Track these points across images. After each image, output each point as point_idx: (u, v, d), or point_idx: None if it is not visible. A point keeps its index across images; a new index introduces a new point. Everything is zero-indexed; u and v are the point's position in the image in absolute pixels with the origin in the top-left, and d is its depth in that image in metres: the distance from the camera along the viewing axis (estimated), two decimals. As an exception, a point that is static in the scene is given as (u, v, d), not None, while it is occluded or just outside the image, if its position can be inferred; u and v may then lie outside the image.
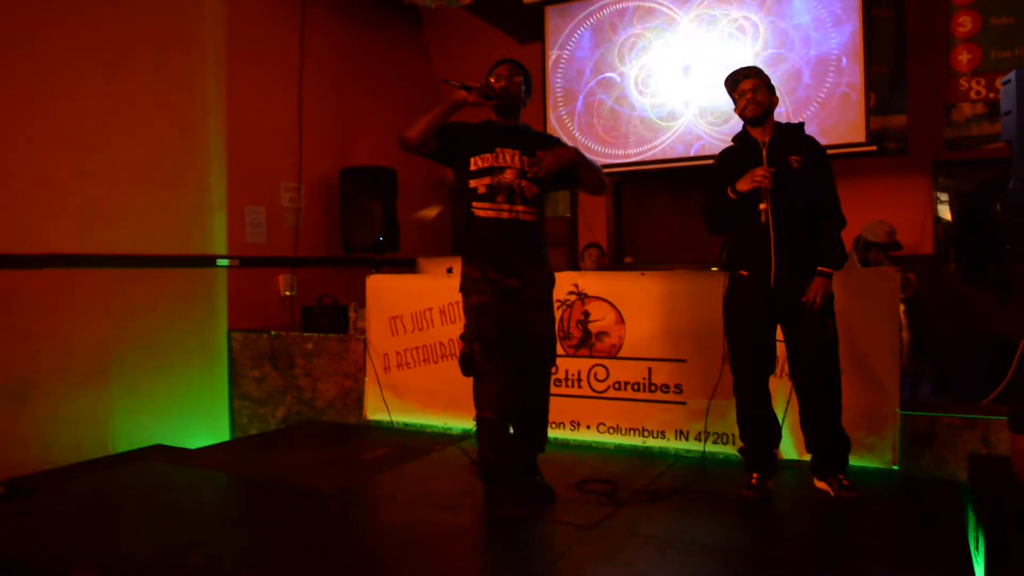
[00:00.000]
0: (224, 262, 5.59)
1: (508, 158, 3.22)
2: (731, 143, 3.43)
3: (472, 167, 3.23)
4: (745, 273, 3.27)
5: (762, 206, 3.16)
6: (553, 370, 3.45)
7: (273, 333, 5.39)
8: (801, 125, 3.39)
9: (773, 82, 3.39)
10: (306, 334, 5.28)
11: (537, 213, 3.28)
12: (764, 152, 3.24)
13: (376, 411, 4.89)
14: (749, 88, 3.26)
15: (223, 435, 5.50)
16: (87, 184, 4.78)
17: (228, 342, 5.57)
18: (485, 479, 3.18)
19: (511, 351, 3.16)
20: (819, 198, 3.21)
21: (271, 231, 5.95)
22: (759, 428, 3.34)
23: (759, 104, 3.24)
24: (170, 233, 5.30)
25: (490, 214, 3.19)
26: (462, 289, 3.27)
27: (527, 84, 3.39)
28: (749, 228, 3.23)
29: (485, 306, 3.16)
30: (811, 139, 3.34)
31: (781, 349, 3.36)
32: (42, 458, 4.37)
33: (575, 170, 3.29)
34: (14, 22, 4.47)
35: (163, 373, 5.17)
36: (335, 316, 5.42)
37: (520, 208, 3.21)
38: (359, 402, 4.99)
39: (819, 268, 3.17)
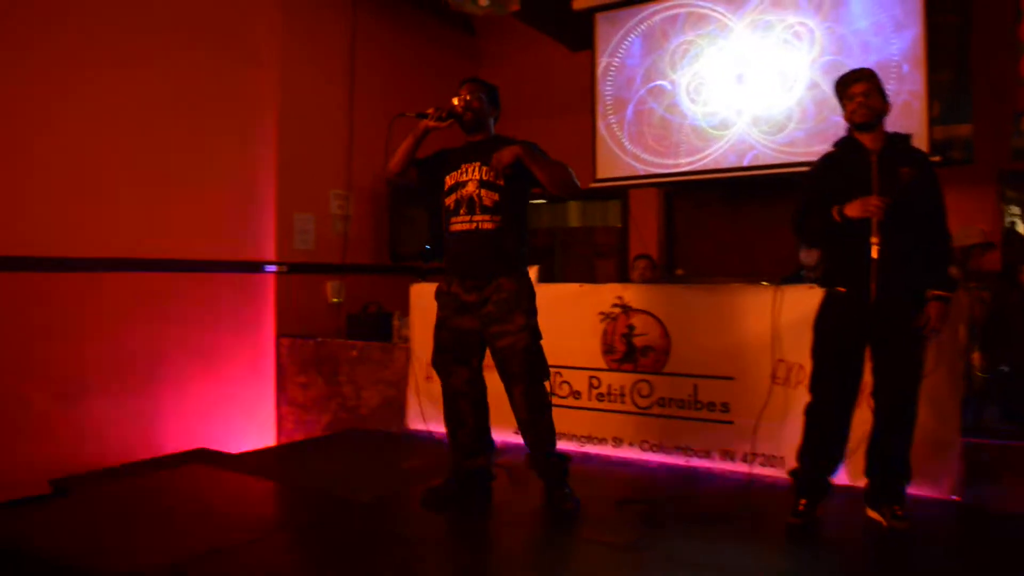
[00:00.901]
0: (273, 268, 5.65)
1: (471, 171, 3.31)
2: (832, 148, 3.22)
3: (446, 186, 3.37)
4: (843, 290, 3.09)
5: (873, 240, 2.96)
6: (555, 387, 3.45)
7: (319, 340, 5.41)
8: (909, 136, 3.17)
9: (830, 90, 3.23)
10: (350, 341, 5.29)
11: (501, 221, 3.26)
12: (874, 161, 3.04)
13: (417, 420, 4.86)
14: (861, 91, 3.05)
15: (268, 440, 5.54)
16: (141, 190, 4.88)
17: (276, 347, 5.62)
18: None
19: (471, 363, 3.36)
20: (926, 214, 3.00)
21: (319, 238, 5.99)
22: (823, 453, 3.16)
23: (871, 109, 3.04)
24: (220, 238, 5.38)
25: (457, 227, 3.31)
26: (436, 300, 3.44)
27: (491, 98, 3.50)
28: (849, 243, 3.02)
29: (442, 320, 3.37)
30: (920, 151, 3.14)
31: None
32: (90, 458, 4.47)
33: (527, 168, 3.26)
34: (72, 26, 4.58)
35: (211, 377, 5.24)
36: (380, 324, 5.43)
37: (479, 217, 3.26)
38: (401, 411, 4.97)
39: (936, 292, 2.96)
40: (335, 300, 6.01)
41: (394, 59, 6.68)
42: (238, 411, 5.40)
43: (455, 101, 3.36)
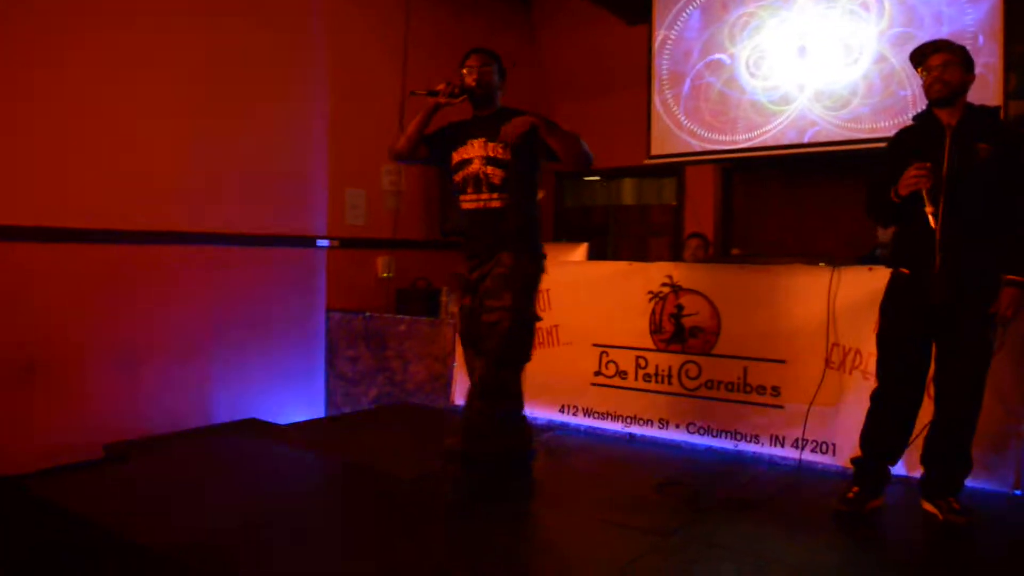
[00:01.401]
0: (324, 242, 5.69)
1: (475, 148, 3.25)
2: (911, 122, 3.07)
3: (452, 162, 3.32)
4: (907, 271, 2.96)
5: (928, 209, 2.80)
6: (602, 366, 3.36)
7: (368, 314, 5.44)
8: (997, 109, 2.98)
9: (899, 64, 3.05)
10: (399, 316, 5.30)
11: (508, 199, 3.20)
12: (948, 136, 2.86)
13: (463, 396, 4.85)
14: (938, 64, 2.87)
15: (318, 412, 5.62)
16: (194, 163, 4.95)
17: (326, 321, 5.68)
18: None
19: (475, 341, 3.29)
20: (1006, 193, 2.81)
21: (370, 213, 6.01)
22: (882, 442, 3.04)
23: (946, 84, 2.86)
24: (273, 213, 5.43)
25: (468, 205, 3.27)
26: None
27: (500, 71, 3.38)
28: (916, 223, 2.87)
29: (459, 302, 3.38)
30: (1008, 127, 2.95)
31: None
32: (143, 425, 4.59)
33: (543, 139, 3.12)
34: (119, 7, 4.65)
35: (262, 349, 5.32)
36: (428, 299, 5.43)
37: (486, 196, 3.22)
38: (447, 387, 4.97)
39: (1009, 277, 2.79)
40: (385, 275, 6.04)
41: (447, 33, 6.62)
42: (288, 383, 5.48)
43: (467, 77, 3.28)
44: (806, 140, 5.51)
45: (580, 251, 5.12)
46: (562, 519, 3.00)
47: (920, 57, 2.96)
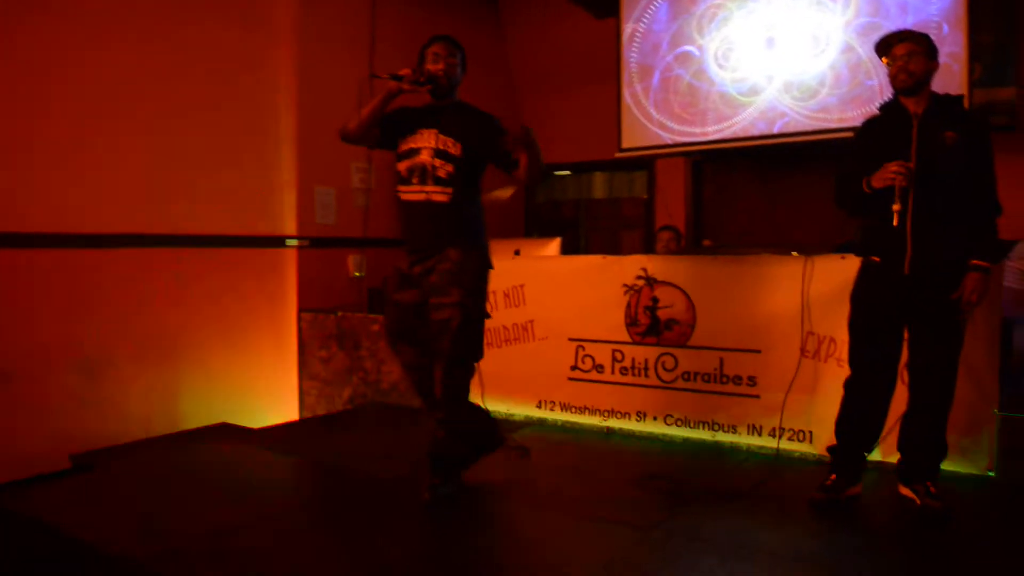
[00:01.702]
0: (293, 242, 5.61)
1: (425, 138, 3.13)
2: (877, 112, 3.08)
3: (399, 150, 3.20)
4: (877, 259, 2.97)
5: (895, 207, 2.80)
6: (578, 361, 3.28)
7: (340, 314, 5.37)
8: (960, 98, 3.00)
9: (866, 54, 3.06)
10: (372, 315, 5.24)
11: (453, 193, 3.09)
12: (915, 124, 2.89)
13: (439, 395, 4.81)
14: (903, 53, 2.89)
15: (291, 414, 5.54)
16: (159, 164, 4.85)
17: (298, 322, 5.60)
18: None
19: (415, 337, 3.16)
20: (972, 180, 2.84)
21: (341, 212, 5.94)
22: (858, 427, 3.05)
23: (911, 73, 2.88)
24: (240, 213, 5.34)
25: (410, 196, 3.13)
26: None
27: (463, 63, 3.29)
28: (885, 211, 2.88)
29: (388, 295, 3.22)
30: (972, 114, 2.97)
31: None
32: (111, 433, 4.49)
33: (509, 150, 3.09)
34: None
35: (233, 352, 5.23)
36: (401, 298, 5.36)
37: (431, 188, 3.09)
38: (423, 386, 4.91)
39: (974, 262, 2.82)
40: (357, 274, 5.97)
41: (414, 29, 6.53)
42: (260, 385, 5.40)
43: (433, 65, 3.16)
44: (775, 131, 5.54)
45: (553, 245, 5.10)
46: (544, 516, 2.97)
47: (885, 47, 2.98)
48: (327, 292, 5.75)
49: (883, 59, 3.00)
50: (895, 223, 2.82)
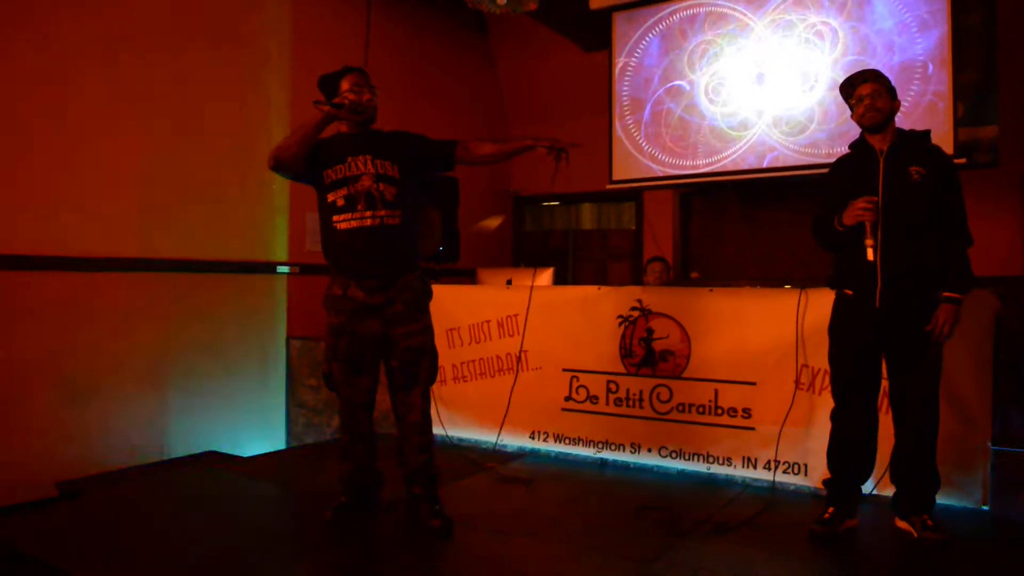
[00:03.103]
0: (285, 269, 5.58)
1: (361, 165, 3.09)
2: (848, 150, 3.17)
3: (327, 180, 3.10)
4: (850, 292, 3.03)
5: (868, 243, 2.88)
6: (572, 391, 3.27)
7: (330, 342, 5.33)
8: (926, 133, 3.10)
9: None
10: (362, 344, 5.20)
11: (402, 216, 3.09)
12: (882, 161, 2.98)
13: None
14: (868, 93, 2.99)
15: (279, 443, 5.47)
16: (149, 188, 4.82)
17: (287, 349, 5.55)
18: (340, 483, 3.28)
19: (372, 370, 3.14)
20: (941, 213, 2.92)
21: (331, 239, 5.91)
22: (849, 459, 3.08)
23: (878, 111, 2.98)
24: (231, 239, 5.31)
25: (353, 224, 3.04)
26: (325, 306, 3.17)
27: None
28: (857, 245, 2.95)
29: (342, 326, 3.09)
30: (937, 148, 3.05)
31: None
32: (97, 460, 4.41)
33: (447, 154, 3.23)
34: (72, 18, 4.52)
35: (221, 379, 5.17)
36: (392, 326, 5.34)
37: (382, 213, 3.05)
38: (414, 415, 4.87)
39: (945, 294, 2.88)
40: (347, 301, 5.94)
41: (408, 58, 6.61)
42: (248, 414, 5.34)
43: (362, 95, 3.14)
44: (765, 165, 5.61)
45: (546, 275, 5.11)
46: (543, 548, 2.95)
47: (850, 88, 3.09)
48: (317, 320, 5.67)
49: (849, 100, 3.10)
50: (869, 257, 2.89)
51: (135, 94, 4.77)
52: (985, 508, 3.32)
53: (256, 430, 5.35)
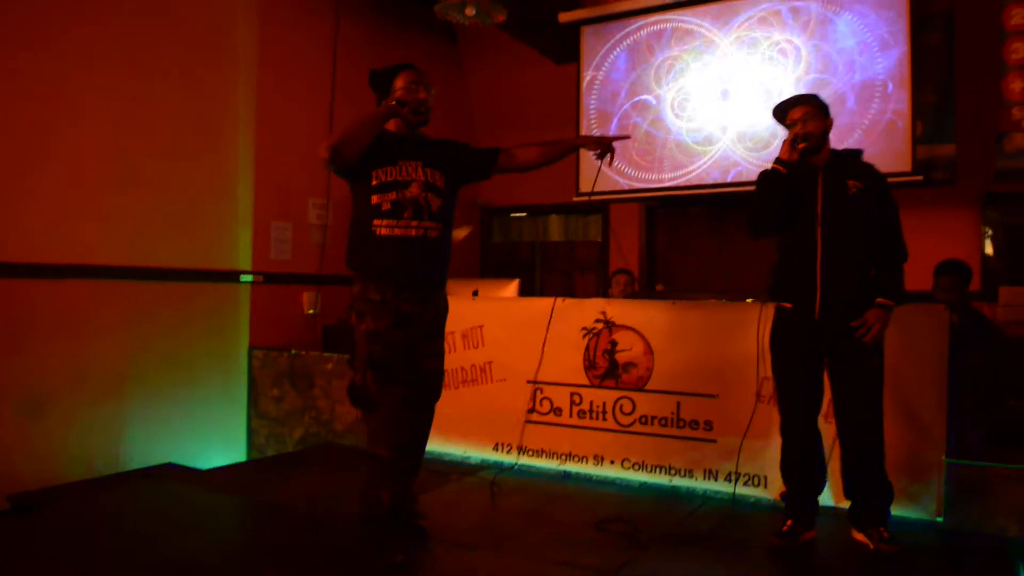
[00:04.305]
0: (248, 278, 5.52)
1: (412, 171, 2.98)
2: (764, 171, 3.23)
3: (374, 181, 2.95)
4: (789, 306, 3.08)
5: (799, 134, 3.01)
6: (536, 403, 3.21)
7: (293, 352, 5.28)
8: (859, 152, 3.22)
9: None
10: (326, 354, 5.17)
11: (443, 230, 3.02)
12: (820, 176, 3.07)
13: (394, 436, 4.75)
14: (799, 117, 3.08)
15: (240, 454, 5.39)
16: (111, 194, 4.74)
17: (248, 359, 5.48)
18: (376, 522, 2.90)
19: (406, 380, 2.93)
20: (877, 228, 3.02)
21: (297, 247, 5.87)
22: (801, 472, 3.13)
23: (810, 134, 3.06)
24: (194, 246, 5.24)
25: (397, 231, 2.92)
26: (355, 311, 2.96)
27: None
28: (795, 257, 3.06)
29: (380, 332, 2.89)
30: (870, 166, 3.16)
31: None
32: (52, 473, 4.30)
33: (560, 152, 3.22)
34: (42, 25, 4.45)
35: (181, 389, 5.08)
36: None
37: (428, 224, 2.96)
38: (377, 426, 4.84)
39: (879, 300, 2.97)
40: (311, 311, 5.89)
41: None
42: (208, 425, 5.25)
43: (421, 93, 3.04)
44: (729, 179, 5.68)
45: (512, 287, 5.11)
46: (505, 561, 2.94)
47: (782, 113, 3.17)
48: (280, 329, 5.66)
49: (783, 123, 3.17)
50: (800, 147, 3.01)
51: (101, 100, 4.69)
52: (940, 520, 3.37)
53: (216, 442, 5.27)
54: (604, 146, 3.23)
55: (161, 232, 5.01)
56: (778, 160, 3.08)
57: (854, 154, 3.19)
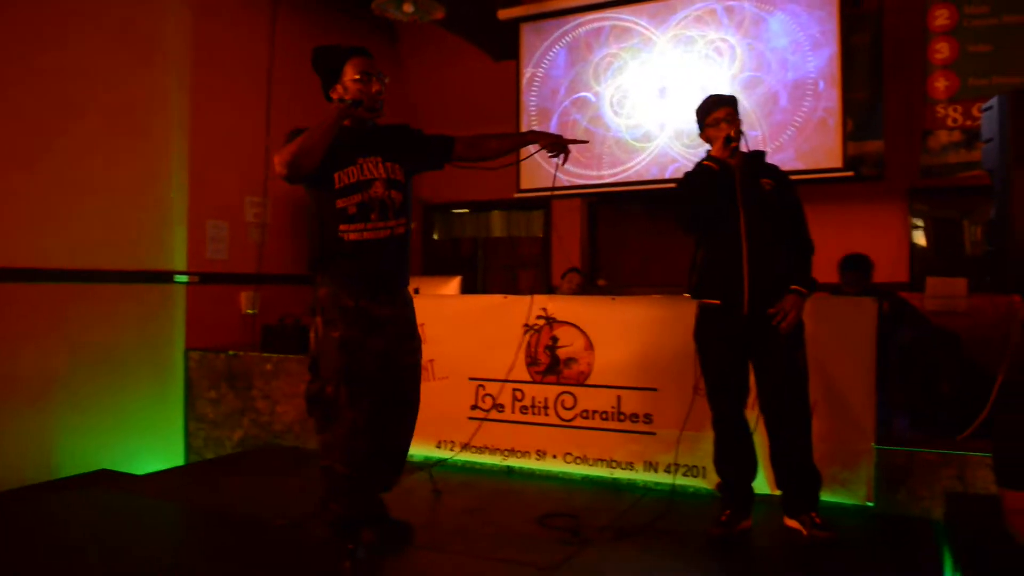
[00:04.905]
0: (183, 278, 5.39)
1: (373, 168, 2.87)
2: (696, 167, 3.30)
3: (337, 184, 2.83)
4: (716, 302, 3.14)
5: (731, 133, 3.08)
6: (479, 400, 3.22)
7: (231, 353, 5.19)
8: (763, 153, 3.34)
9: (751, 105, 3.30)
10: (265, 354, 5.08)
11: (407, 223, 2.94)
12: (737, 174, 3.16)
13: (336, 436, 4.70)
14: (723, 117, 3.16)
15: (177, 459, 5.27)
16: (39, 196, 4.58)
17: (185, 361, 5.36)
18: (328, 528, 2.88)
19: (378, 389, 2.85)
20: (789, 222, 3.15)
21: (234, 247, 5.76)
22: (735, 463, 3.21)
23: (738, 132, 3.16)
24: (126, 247, 5.09)
25: (367, 235, 2.82)
26: (324, 317, 2.83)
27: None
28: (720, 254, 3.13)
29: (356, 340, 2.79)
30: (774, 167, 3.30)
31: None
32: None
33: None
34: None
35: (114, 393, 4.94)
36: (297, 336, 5.23)
37: (393, 222, 2.87)
38: (319, 426, 4.79)
39: (793, 287, 3.07)
40: (249, 311, 5.79)
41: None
42: (143, 429, 5.12)
43: (374, 85, 2.88)
44: (667, 176, 5.76)
45: (453, 284, 5.11)
46: (446, 559, 2.94)
47: (705, 112, 3.25)
48: (218, 330, 5.54)
49: (707, 119, 3.23)
50: (732, 145, 3.08)
51: (27, 98, 4.52)
52: (870, 504, 3.48)
53: (152, 446, 5.14)
54: (559, 147, 3.20)
55: (91, 233, 4.86)
56: (712, 158, 3.16)
57: (760, 155, 3.31)
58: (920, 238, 5.91)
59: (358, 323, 2.81)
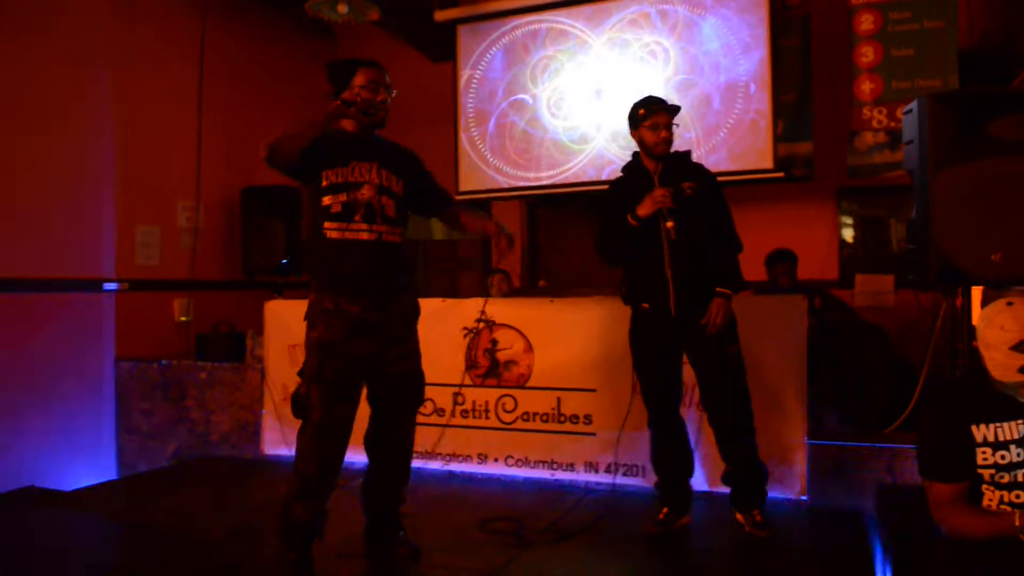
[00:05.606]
0: (112, 285, 5.23)
1: (366, 172, 2.87)
2: (621, 174, 3.34)
3: (324, 182, 2.84)
4: (647, 306, 3.18)
5: (669, 224, 3.05)
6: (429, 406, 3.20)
7: (164, 362, 5.05)
8: (688, 153, 3.33)
9: (685, 108, 3.32)
10: (199, 363, 4.97)
11: (400, 233, 2.95)
12: (656, 180, 3.16)
13: (275, 445, 4.62)
14: (664, 122, 3.13)
15: (108, 472, 5.11)
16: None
17: (115, 371, 5.20)
18: (285, 537, 2.85)
19: (357, 396, 2.84)
20: (715, 223, 3.16)
21: (165, 252, 5.62)
22: (671, 462, 3.25)
23: (672, 138, 3.16)
24: (51, 254, 4.94)
25: (347, 235, 2.82)
26: (308, 319, 2.86)
27: None
28: (647, 260, 3.13)
29: (333, 344, 2.78)
30: (699, 165, 3.31)
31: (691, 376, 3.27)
32: None
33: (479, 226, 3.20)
34: None
35: (40, 407, 4.78)
36: (232, 344, 5.13)
37: (382, 228, 2.86)
38: (256, 435, 4.71)
39: (718, 289, 3.10)
40: (183, 319, 5.65)
41: (248, 65, 6.38)
42: (72, 443, 4.95)
43: (379, 94, 2.91)
44: (604, 177, 5.80)
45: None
46: (386, 567, 2.91)
47: (643, 117, 3.16)
48: (149, 339, 5.39)
49: (642, 123, 3.16)
50: (673, 236, 3.05)
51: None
52: (804, 498, 3.57)
53: (82, 460, 4.98)
54: (504, 235, 3.14)
55: (14, 240, 4.68)
56: (635, 216, 3.07)
57: (684, 156, 3.28)
58: (849, 236, 6.08)
59: (339, 326, 2.79)
